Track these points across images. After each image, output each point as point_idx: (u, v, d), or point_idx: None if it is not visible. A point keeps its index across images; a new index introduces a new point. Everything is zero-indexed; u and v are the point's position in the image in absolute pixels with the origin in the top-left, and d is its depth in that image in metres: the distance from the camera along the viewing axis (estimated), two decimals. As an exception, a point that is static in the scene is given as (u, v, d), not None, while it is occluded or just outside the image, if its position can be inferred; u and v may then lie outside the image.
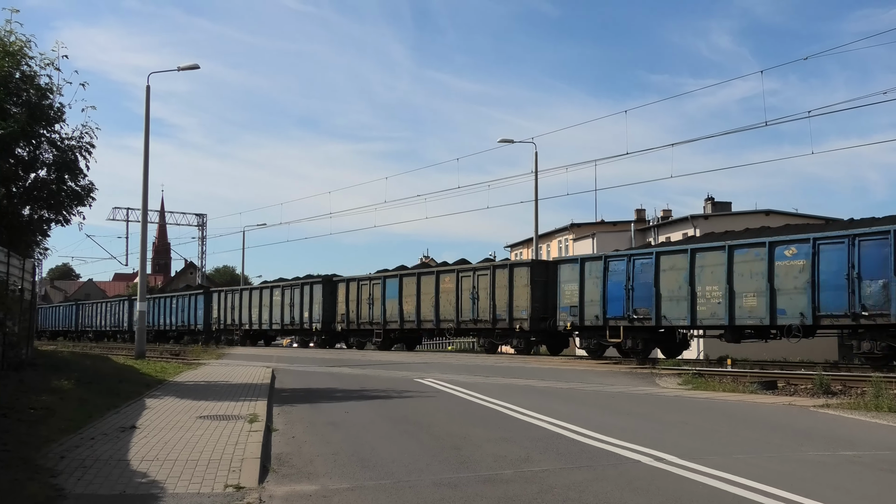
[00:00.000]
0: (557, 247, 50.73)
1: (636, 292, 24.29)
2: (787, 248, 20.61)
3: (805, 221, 30.44)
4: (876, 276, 18.52)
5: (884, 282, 18.32)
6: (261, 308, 44.30)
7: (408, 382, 17.27)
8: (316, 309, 39.60)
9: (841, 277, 19.12)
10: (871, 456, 8.52)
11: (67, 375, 14.78)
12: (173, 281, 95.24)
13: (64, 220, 16.17)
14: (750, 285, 21.20)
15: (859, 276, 18.81)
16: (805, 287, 19.86)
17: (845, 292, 19.04)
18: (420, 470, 7.65)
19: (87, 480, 6.85)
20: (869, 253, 18.78)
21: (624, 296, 24.51)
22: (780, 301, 20.53)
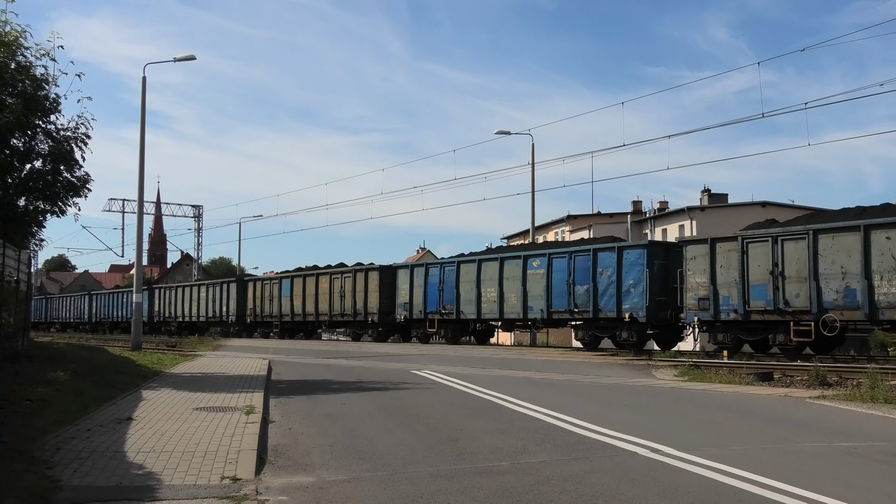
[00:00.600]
0: (554, 238, 50.75)
1: (445, 293, 31.57)
2: (534, 261, 27.64)
3: (799, 213, 30.50)
4: (583, 283, 25.60)
5: (587, 287, 25.47)
6: None
7: (404, 374, 17.28)
8: None
9: (563, 284, 26.22)
10: (866, 447, 8.54)
11: (63, 367, 14.76)
12: (169, 272, 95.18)
13: (60, 211, 16.11)
14: (511, 288, 28.32)
15: (573, 283, 25.86)
16: (543, 290, 26.90)
17: (566, 295, 26.08)
18: (417, 461, 7.66)
19: (84, 472, 6.85)
20: (580, 265, 25.85)
21: (437, 296, 31.79)
22: (529, 301, 27.55)
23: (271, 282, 43.48)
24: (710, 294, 22.19)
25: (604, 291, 25.27)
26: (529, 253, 28.35)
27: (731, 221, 28.10)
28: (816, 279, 19.70)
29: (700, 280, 22.52)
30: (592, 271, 25.54)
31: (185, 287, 51.43)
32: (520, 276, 27.90)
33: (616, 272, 24.89)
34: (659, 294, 24.04)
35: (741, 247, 21.49)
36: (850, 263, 19.07)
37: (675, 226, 42.60)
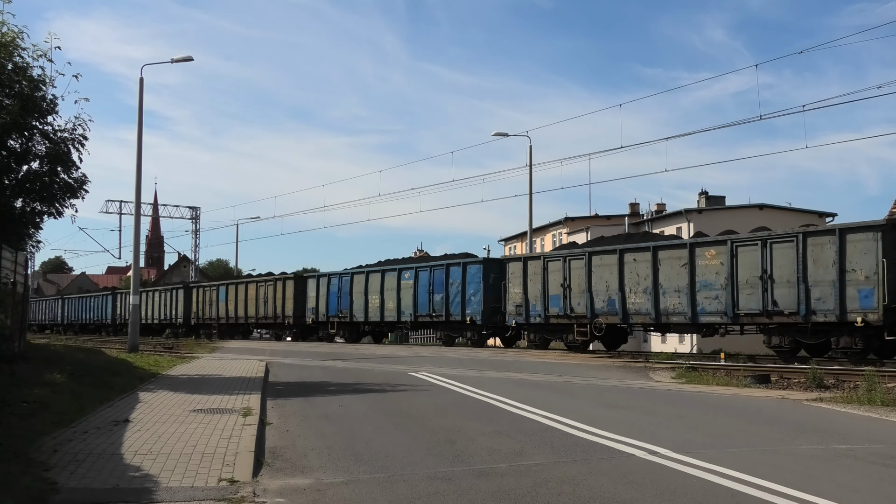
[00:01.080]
0: (552, 240, 50.75)
1: (342, 300, 37.01)
2: (405, 273, 33.38)
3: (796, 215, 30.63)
4: (439, 292, 31.30)
5: (441, 296, 31.13)
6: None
7: (401, 376, 17.27)
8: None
9: (425, 293, 32.16)
10: (864, 449, 8.55)
11: (60, 369, 14.72)
12: (166, 274, 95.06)
13: (56, 212, 16.08)
14: (390, 296, 34.01)
15: (432, 292, 31.76)
16: (412, 298, 32.70)
17: (427, 302, 31.97)
18: (414, 463, 7.65)
19: (81, 474, 6.84)
20: (437, 278, 31.64)
21: (336, 302, 37.40)
22: (402, 306, 33.34)
23: (210, 288, 48.58)
24: (522, 302, 27.72)
25: (453, 299, 30.96)
26: (403, 266, 34.38)
27: (729, 224, 28.15)
28: (591, 291, 25.16)
29: (516, 290, 28.07)
30: (445, 283, 31.30)
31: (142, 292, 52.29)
32: (395, 286, 33.83)
33: (461, 283, 30.56)
34: (493, 302, 29.34)
35: (543, 265, 27.11)
36: (612, 280, 24.49)
37: (673, 228, 42.57)
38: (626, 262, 24.11)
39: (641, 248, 24.06)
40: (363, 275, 36.18)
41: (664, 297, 22.99)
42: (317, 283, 39.34)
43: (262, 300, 42.96)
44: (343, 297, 37.23)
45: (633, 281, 23.88)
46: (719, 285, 21.50)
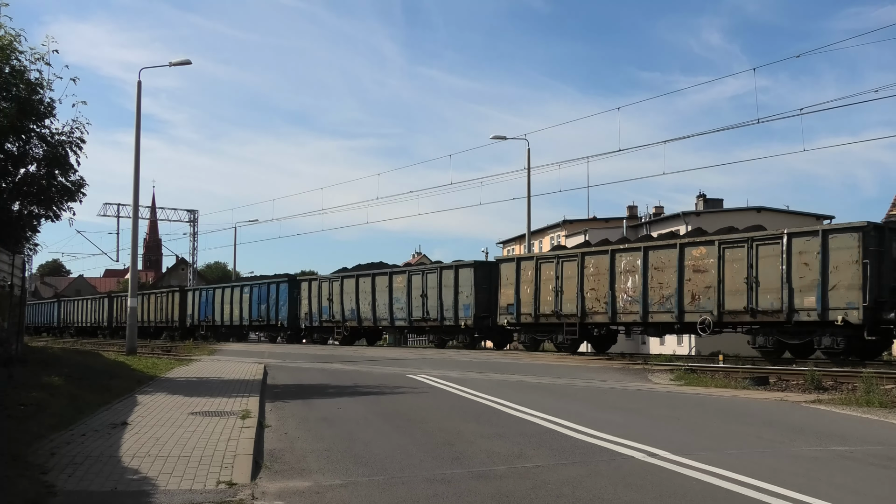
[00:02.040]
0: (550, 243, 50.77)
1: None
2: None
3: (794, 218, 30.70)
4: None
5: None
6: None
7: (400, 378, 17.25)
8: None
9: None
10: (862, 451, 8.55)
11: (58, 371, 14.70)
12: (164, 277, 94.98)
13: (54, 215, 16.07)
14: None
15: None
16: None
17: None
18: (413, 466, 7.63)
19: (78, 477, 6.81)
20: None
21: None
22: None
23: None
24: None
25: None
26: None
27: (726, 226, 28.11)
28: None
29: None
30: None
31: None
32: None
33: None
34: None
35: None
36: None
37: (671, 230, 42.61)
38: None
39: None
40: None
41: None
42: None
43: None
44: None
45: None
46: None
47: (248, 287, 44.89)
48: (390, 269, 35.34)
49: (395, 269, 35.40)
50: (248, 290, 44.52)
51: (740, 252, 21.10)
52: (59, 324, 65.43)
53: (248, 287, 44.89)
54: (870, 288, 18.44)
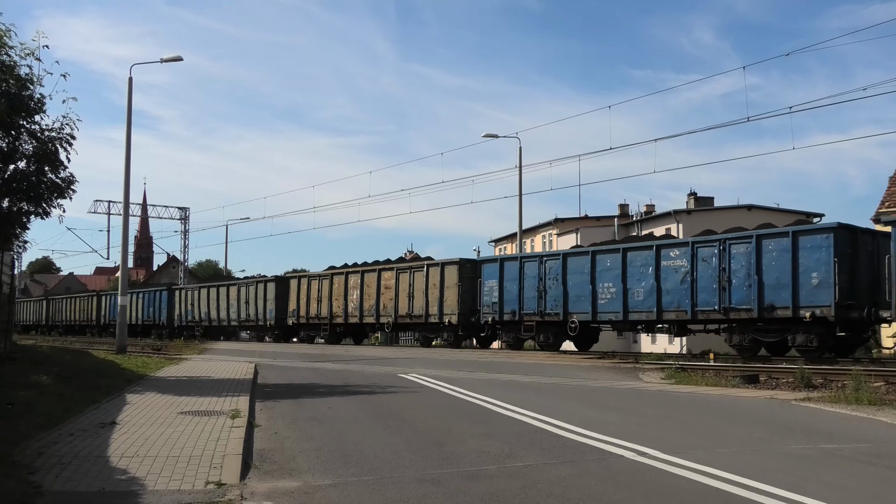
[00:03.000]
0: (542, 241, 50.80)
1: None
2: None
3: (784, 216, 30.86)
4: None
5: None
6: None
7: (391, 378, 17.23)
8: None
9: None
10: (851, 448, 8.57)
11: (47, 370, 14.63)
12: (155, 275, 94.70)
13: (44, 212, 15.95)
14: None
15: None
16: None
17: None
18: (403, 466, 7.62)
19: (66, 477, 6.77)
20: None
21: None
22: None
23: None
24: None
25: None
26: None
27: (717, 224, 28.20)
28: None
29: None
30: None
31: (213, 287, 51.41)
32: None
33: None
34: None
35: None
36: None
37: (662, 229, 42.64)
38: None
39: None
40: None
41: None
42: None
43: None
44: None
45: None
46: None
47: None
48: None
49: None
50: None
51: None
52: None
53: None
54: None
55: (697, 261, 22.15)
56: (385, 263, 36.13)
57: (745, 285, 21.01)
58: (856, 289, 19.65)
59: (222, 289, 46.30)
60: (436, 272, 31.67)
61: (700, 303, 22.07)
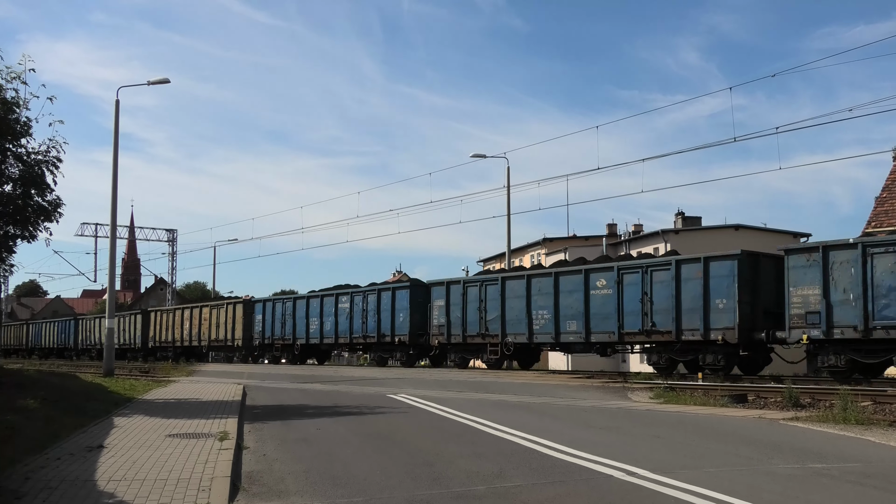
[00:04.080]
0: (530, 261, 50.89)
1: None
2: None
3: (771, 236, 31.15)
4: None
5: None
6: None
7: (380, 398, 17.19)
8: None
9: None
10: (839, 468, 8.61)
11: (34, 394, 14.52)
12: (143, 297, 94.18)
13: (30, 235, 15.91)
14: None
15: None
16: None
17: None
18: (392, 487, 7.61)
19: (53, 502, 6.73)
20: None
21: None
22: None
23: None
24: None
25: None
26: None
27: (705, 244, 28.47)
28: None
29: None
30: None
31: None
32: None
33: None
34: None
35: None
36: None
37: (650, 248, 42.83)
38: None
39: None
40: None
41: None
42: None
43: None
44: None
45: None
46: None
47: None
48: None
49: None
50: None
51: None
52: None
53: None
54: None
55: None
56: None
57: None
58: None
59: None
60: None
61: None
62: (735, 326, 20.61)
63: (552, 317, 25.42)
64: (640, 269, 23.01)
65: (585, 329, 24.24)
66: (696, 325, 21.49)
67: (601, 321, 23.88)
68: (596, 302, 24.05)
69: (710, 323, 21.22)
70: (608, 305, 23.63)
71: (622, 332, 23.32)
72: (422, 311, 31.44)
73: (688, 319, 21.74)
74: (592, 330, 24.12)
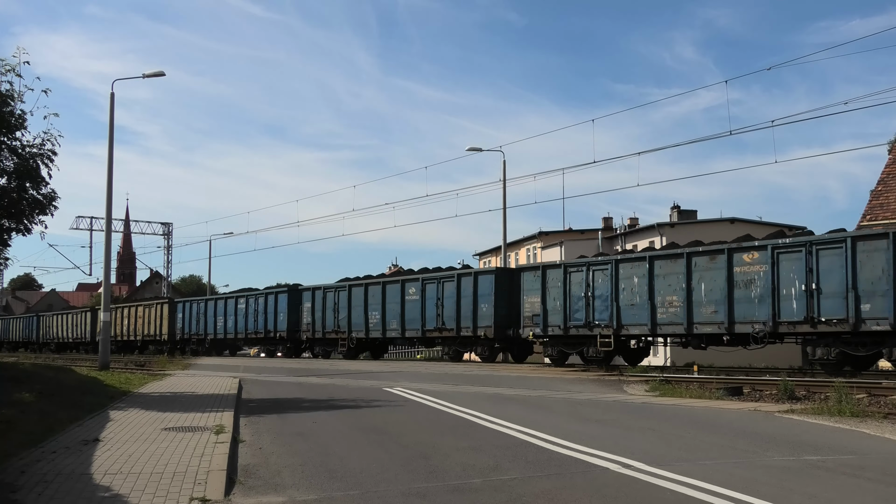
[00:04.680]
0: (526, 255, 50.93)
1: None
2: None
3: (767, 229, 31.15)
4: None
5: None
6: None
7: (376, 392, 17.20)
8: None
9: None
10: (834, 460, 8.64)
11: (29, 388, 14.51)
12: (138, 291, 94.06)
13: (25, 229, 15.87)
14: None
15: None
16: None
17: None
18: (388, 480, 7.61)
19: (49, 495, 6.72)
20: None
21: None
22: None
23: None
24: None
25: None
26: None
27: (700, 237, 28.44)
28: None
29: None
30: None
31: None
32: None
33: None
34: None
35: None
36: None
37: (646, 242, 42.90)
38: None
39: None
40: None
41: None
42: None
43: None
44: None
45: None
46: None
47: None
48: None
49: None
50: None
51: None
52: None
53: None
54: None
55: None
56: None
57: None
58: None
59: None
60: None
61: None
62: (493, 325, 27.39)
63: None
64: (436, 280, 30.23)
65: (401, 327, 31.54)
66: (469, 324, 28.29)
67: (412, 321, 30.99)
68: (410, 306, 31.04)
69: (478, 322, 27.96)
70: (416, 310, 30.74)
71: (424, 329, 30.48)
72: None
73: (464, 321, 28.54)
74: (407, 327, 31.27)
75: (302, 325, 38.17)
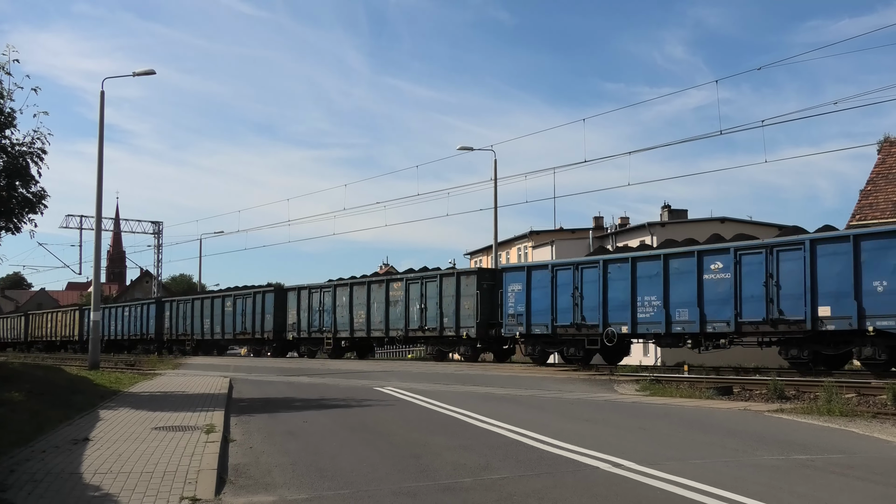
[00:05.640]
0: (517, 254, 50.94)
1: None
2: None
3: (756, 228, 31.30)
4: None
5: None
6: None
7: (367, 391, 17.19)
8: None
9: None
10: (823, 459, 8.68)
11: (18, 387, 14.44)
12: (129, 290, 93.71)
13: (15, 228, 15.79)
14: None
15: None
16: None
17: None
18: (379, 479, 7.62)
19: (38, 494, 6.70)
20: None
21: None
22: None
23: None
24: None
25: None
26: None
27: (691, 236, 28.52)
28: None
29: None
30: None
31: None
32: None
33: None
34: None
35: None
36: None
37: (637, 241, 42.89)
38: None
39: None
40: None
41: None
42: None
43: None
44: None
45: None
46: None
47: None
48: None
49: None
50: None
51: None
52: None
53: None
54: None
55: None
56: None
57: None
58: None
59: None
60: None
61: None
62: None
63: None
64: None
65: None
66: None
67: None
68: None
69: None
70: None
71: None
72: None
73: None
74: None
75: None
